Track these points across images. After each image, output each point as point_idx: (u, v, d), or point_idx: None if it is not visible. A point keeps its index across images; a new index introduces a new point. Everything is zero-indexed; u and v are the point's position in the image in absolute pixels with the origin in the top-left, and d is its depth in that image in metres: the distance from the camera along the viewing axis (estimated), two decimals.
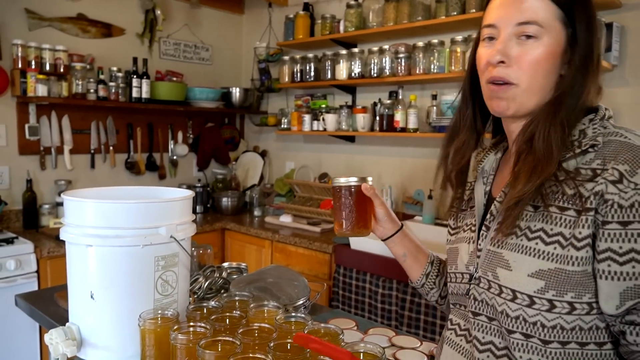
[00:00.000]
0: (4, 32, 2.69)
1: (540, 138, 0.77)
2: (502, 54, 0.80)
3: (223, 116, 3.80)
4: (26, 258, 2.31)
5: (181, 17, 3.52)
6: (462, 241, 0.93)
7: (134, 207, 1.07)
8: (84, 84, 2.88)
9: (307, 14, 3.17)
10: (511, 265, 0.79)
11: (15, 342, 2.28)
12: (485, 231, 0.87)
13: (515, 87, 0.80)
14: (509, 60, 0.79)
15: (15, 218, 2.79)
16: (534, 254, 0.76)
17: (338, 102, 3.23)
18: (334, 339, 0.97)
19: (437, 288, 1.09)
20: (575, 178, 0.74)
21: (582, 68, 0.78)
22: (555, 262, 0.74)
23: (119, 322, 1.08)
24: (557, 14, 0.78)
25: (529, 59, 0.78)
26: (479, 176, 0.95)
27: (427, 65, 2.62)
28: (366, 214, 1.05)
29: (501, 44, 0.80)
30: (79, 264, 1.09)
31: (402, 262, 1.10)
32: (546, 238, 0.76)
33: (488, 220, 0.86)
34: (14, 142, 2.79)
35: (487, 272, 0.83)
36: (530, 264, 0.76)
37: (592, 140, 0.76)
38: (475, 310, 0.86)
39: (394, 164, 3.06)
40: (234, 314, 1.08)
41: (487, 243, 0.85)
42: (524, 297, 0.76)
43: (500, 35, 0.81)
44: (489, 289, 0.83)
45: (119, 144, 3.23)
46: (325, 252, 2.57)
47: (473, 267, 0.88)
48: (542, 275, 0.75)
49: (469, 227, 0.93)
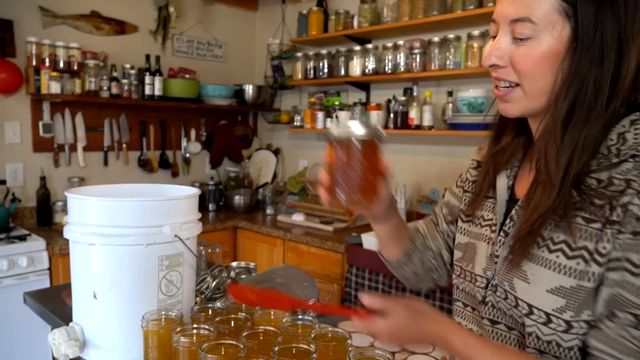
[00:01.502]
0: (19, 29, 2.71)
1: (543, 162, 0.70)
2: (495, 55, 0.73)
3: (236, 114, 3.78)
4: (38, 255, 2.32)
5: (194, 14, 3.50)
6: (481, 239, 0.86)
7: (137, 205, 1.04)
8: (96, 82, 2.89)
9: (320, 10, 3.13)
10: (529, 278, 0.73)
11: (28, 339, 2.28)
12: (503, 237, 0.80)
13: (518, 87, 0.73)
14: (504, 61, 0.73)
15: (29, 215, 2.81)
16: (554, 268, 0.70)
17: (352, 99, 3.18)
18: (341, 343, 0.93)
19: (412, 265, 1.02)
20: (606, 188, 0.67)
21: (594, 63, 0.67)
22: (577, 278, 0.68)
23: (122, 322, 1.06)
24: (557, 7, 0.67)
25: (525, 61, 0.70)
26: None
27: (443, 61, 2.56)
28: (374, 181, 0.81)
29: (496, 43, 0.73)
30: (82, 263, 1.07)
31: (386, 242, 1.00)
32: (569, 252, 0.69)
33: (507, 225, 0.79)
34: (28, 139, 2.80)
35: (503, 281, 0.77)
36: (549, 278, 0.70)
37: (632, 149, 0.66)
38: (493, 318, 0.80)
39: (408, 162, 3.00)
40: (239, 316, 1.04)
41: (505, 250, 0.78)
42: (540, 313, 0.71)
43: (498, 33, 0.74)
44: (505, 299, 0.77)
45: (132, 142, 3.23)
46: (338, 252, 2.53)
47: (491, 273, 0.81)
48: (562, 293, 0.69)
49: (488, 223, 0.85)
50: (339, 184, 0.79)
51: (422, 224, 1.07)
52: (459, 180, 1.01)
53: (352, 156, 0.78)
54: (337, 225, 2.83)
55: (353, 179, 0.78)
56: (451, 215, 1.00)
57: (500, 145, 0.85)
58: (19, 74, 2.66)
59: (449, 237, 1.02)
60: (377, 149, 0.81)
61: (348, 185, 0.79)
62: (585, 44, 0.67)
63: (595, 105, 0.67)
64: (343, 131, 0.78)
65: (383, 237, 0.99)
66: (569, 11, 0.67)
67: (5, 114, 2.71)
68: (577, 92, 0.68)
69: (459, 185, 1.00)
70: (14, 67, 2.64)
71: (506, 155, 0.84)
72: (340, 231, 2.76)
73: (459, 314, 0.91)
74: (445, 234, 1.03)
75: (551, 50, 0.69)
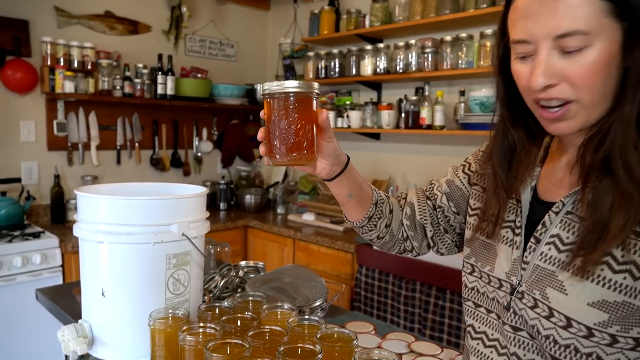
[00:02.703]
0: (34, 29, 2.74)
1: (625, 175, 0.63)
2: (545, 76, 0.65)
3: (248, 113, 3.79)
4: (51, 252, 2.35)
5: (207, 14, 3.52)
6: (501, 241, 0.80)
7: (145, 203, 1.05)
8: (109, 81, 2.91)
9: (332, 9, 3.13)
10: (567, 289, 0.68)
11: (41, 335, 2.31)
12: (534, 243, 0.75)
13: (574, 103, 0.66)
14: (556, 79, 0.65)
15: (43, 213, 2.84)
16: (597, 282, 0.66)
17: (363, 98, 3.17)
18: (347, 344, 0.93)
19: (377, 230, 0.98)
20: None
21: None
22: (623, 294, 0.64)
23: (129, 320, 1.06)
24: (604, 10, 0.62)
25: (580, 73, 0.64)
26: None
27: (455, 60, 2.53)
28: (312, 136, 0.79)
29: (541, 64, 0.65)
30: (91, 260, 1.08)
31: (344, 202, 0.95)
32: (615, 265, 0.64)
33: (539, 231, 0.74)
34: (42, 138, 2.84)
35: (533, 289, 0.73)
36: (592, 291, 0.66)
37: None
38: (516, 325, 0.76)
39: (419, 162, 2.98)
40: (245, 315, 1.04)
41: (536, 258, 0.74)
42: (580, 327, 0.67)
43: (538, 54, 0.66)
44: (533, 308, 0.72)
45: (145, 141, 3.26)
46: (348, 252, 2.52)
47: (516, 279, 0.76)
48: (605, 307, 0.65)
49: (509, 225, 0.79)
50: (275, 141, 0.78)
51: (412, 193, 1.02)
52: (466, 167, 0.96)
53: (286, 111, 0.77)
54: (348, 225, 2.82)
55: (289, 134, 0.77)
56: (451, 199, 0.96)
57: (512, 173, 0.79)
58: (34, 73, 2.70)
59: (442, 214, 0.97)
60: (312, 103, 0.79)
61: (284, 142, 0.78)
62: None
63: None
64: (276, 86, 0.78)
65: (339, 196, 0.94)
66: (615, 10, 0.62)
67: (21, 112, 2.75)
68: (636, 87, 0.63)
69: (466, 172, 0.95)
70: (30, 66, 2.68)
71: (519, 176, 0.78)
72: (350, 231, 2.76)
73: (470, 315, 0.87)
74: (439, 211, 0.98)
75: (608, 55, 0.63)
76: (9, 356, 2.27)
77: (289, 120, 0.77)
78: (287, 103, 0.77)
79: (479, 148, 0.97)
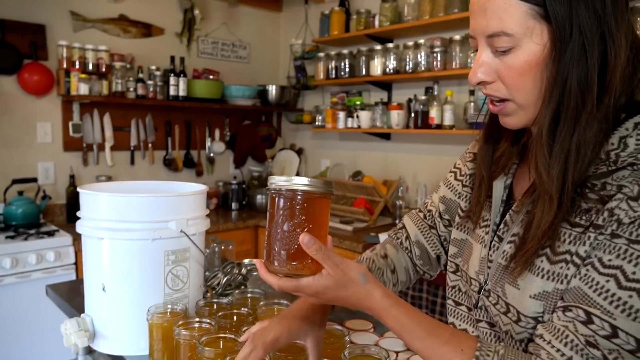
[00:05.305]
0: (51, 33, 2.82)
1: (536, 175, 0.66)
2: (481, 72, 0.69)
3: (260, 114, 3.83)
4: (65, 250, 2.41)
5: (219, 16, 3.56)
6: (477, 240, 0.82)
7: (144, 200, 1.07)
8: (123, 83, 2.97)
9: (342, 10, 3.13)
10: (519, 284, 0.70)
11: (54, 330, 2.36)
12: (497, 242, 0.77)
13: (510, 102, 0.69)
14: (491, 76, 0.68)
15: (59, 212, 2.91)
16: (537, 273, 0.68)
17: (373, 98, 3.17)
18: (339, 340, 0.94)
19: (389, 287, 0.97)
20: (597, 192, 0.63)
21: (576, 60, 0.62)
22: (560, 283, 0.66)
23: (129, 314, 1.09)
24: (529, 12, 0.62)
25: (509, 73, 0.66)
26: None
27: (464, 59, 2.52)
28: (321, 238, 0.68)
29: (478, 59, 0.69)
30: (93, 256, 1.11)
31: None
32: (552, 256, 0.67)
33: (502, 230, 0.76)
34: (59, 139, 2.91)
35: (496, 286, 0.75)
36: (533, 283, 0.68)
37: (632, 157, 0.62)
38: (490, 321, 0.79)
39: (429, 162, 2.97)
40: (241, 311, 1.06)
41: (499, 256, 0.76)
42: (528, 320, 0.69)
43: (479, 50, 0.69)
44: (495, 305, 0.75)
45: (158, 141, 3.31)
46: (355, 252, 2.52)
47: (483, 277, 0.79)
48: (543, 297, 0.67)
49: (486, 223, 0.81)
50: (275, 245, 0.67)
51: (412, 226, 1.01)
52: (458, 173, 0.97)
53: (292, 212, 0.66)
54: (357, 225, 2.82)
55: (292, 238, 0.65)
56: (449, 213, 0.96)
57: (498, 154, 0.81)
58: (50, 76, 2.77)
59: (445, 240, 0.98)
60: (323, 205, 0.69)
61: (285, 247, 0.66)
62: (564, 42, 0.62)
63: (583, 105, 0.62)
64: (284, 181, 0.66)
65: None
66: (542, 13, 0.62)
67: (38, 114, 2.82)
68: (560, 95, 0.63)
69: (458, 178, 0.96)
70: (46, 69, 2.75)
71: (502, 161, 0.80)
72: (359, 231, 2.76)
73: (451, 313, 0.89)
74: (442, 237, 0.98)
75: (535, 58, 0.64)
76: (23, 351, 2.33)
77: (293, 223, 0.65)
78: (294, 202, 0.66)
79: (466, 149, 0.97)
